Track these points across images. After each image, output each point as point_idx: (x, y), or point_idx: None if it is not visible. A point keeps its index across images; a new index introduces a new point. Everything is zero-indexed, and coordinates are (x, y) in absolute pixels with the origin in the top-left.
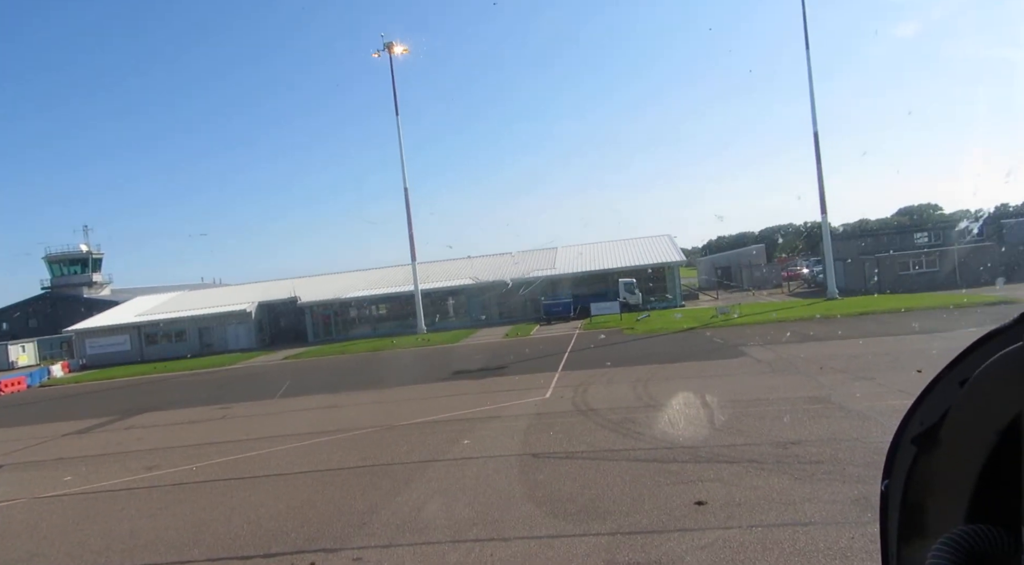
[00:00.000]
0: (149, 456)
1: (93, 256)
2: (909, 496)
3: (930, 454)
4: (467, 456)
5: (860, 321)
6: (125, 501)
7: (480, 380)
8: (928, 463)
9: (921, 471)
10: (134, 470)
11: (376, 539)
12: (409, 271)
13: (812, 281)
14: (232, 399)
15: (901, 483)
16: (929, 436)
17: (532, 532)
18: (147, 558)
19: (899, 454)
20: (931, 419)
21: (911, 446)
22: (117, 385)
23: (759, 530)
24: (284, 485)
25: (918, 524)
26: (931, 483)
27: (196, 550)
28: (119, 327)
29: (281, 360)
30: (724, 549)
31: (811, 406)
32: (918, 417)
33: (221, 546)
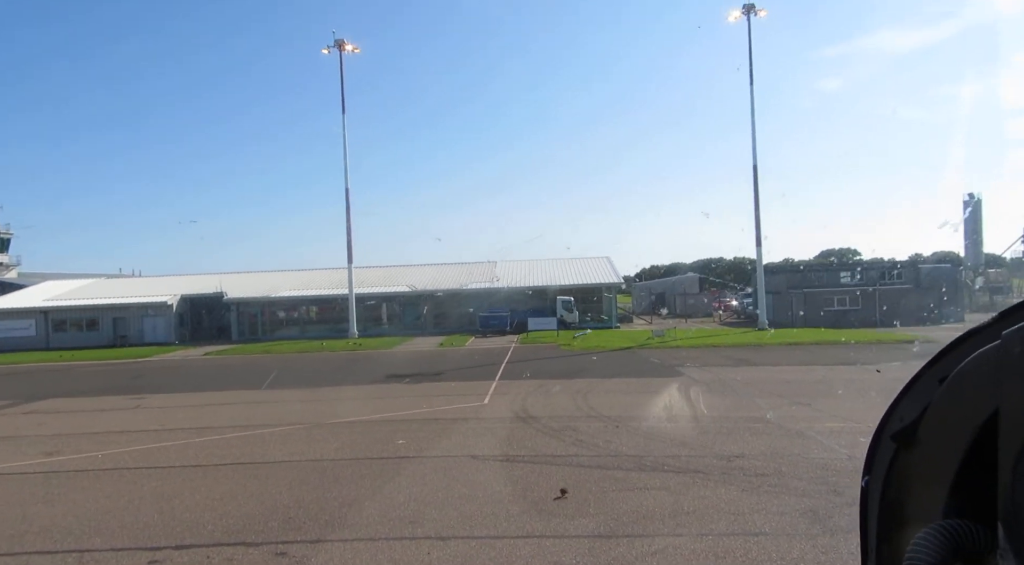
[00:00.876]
0: (50, 442)
1: (1, 236)
2: (888, 492)
3: (909, 450)
4: (402, 455)
5: (790, 350)
6: (18, 486)
7: (415, 384)
8: (907, 459)
9: (900, 467)
10: (31, 455)
11: (303, 534)
12: (344, 275)
13: (742, 312)
14: (147, 390)
15: (881, 479)
16: (908, 433)
17: (471, 532)
18: (40, 545)
19: (879, 450)
20: (911, 416)
21: (891, 442)
22: (18, 370)
23: (709, 539)
24: (202, 476)
25: (897, 519)
26: (910, 479)
27: (97, 539)
28: (24, 311)
29: (202, 355)
30: (675, 556)
31: (751, 424)
32: (898, 414)
33: (127, 536)
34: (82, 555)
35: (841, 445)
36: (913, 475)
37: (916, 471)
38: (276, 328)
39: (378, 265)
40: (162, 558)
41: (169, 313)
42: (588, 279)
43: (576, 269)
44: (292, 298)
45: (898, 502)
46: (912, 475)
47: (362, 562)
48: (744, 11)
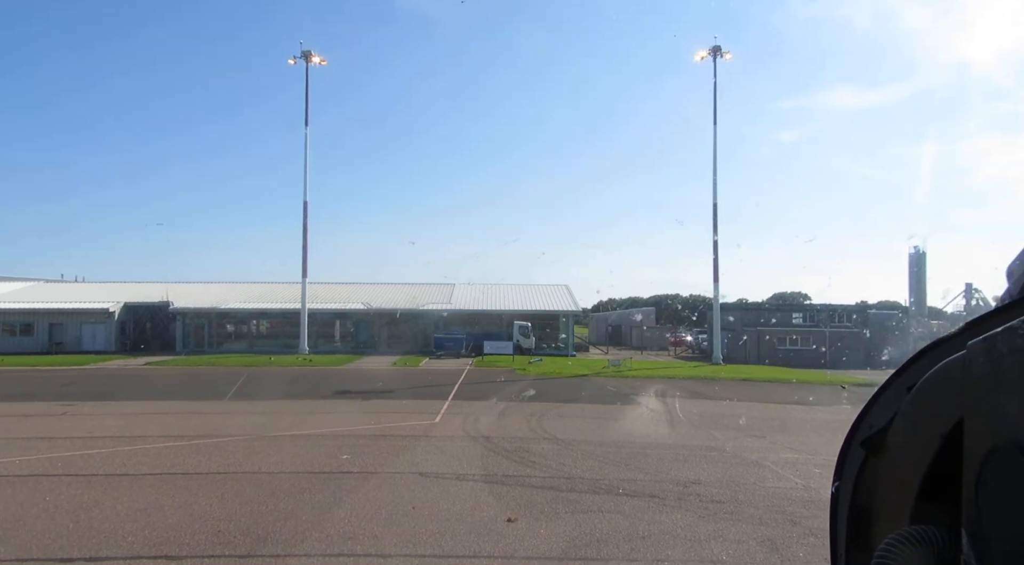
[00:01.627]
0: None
1: None
2: (857, 498)
3: (878, 457)
4: (345, 470)
5: (744, 386)
6: None
7: (365, 401)
8: (876, 465)
9: (870, 473)
10: None
11: (232, 549)
12: (297, 289)
13: (696, 347)
14: (78, 397)
15: (850, 486)
16: (877, 440)
17: (415, 550)
18: None
19: (848, 457)
20: (879, 423)
21: (860, 449)
22: None
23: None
24: (127, 486)
25: (866, 524)
26: (879, 485)
27: (2, 548)
28: None
29: (142, 365)
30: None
31: (707, 453)
32: (867, 421)
33: (37, 546)
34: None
35: (797, 475)
36: (881, 481)
37: (884, 477)
38: (224, 341)
39: (334, 281)
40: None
41: (110, 321)
42: (546, 306)
43: (534, 295)
44: (241, 310)
45: (867, 507)
46: (880, 481)
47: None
48: (711, 52)
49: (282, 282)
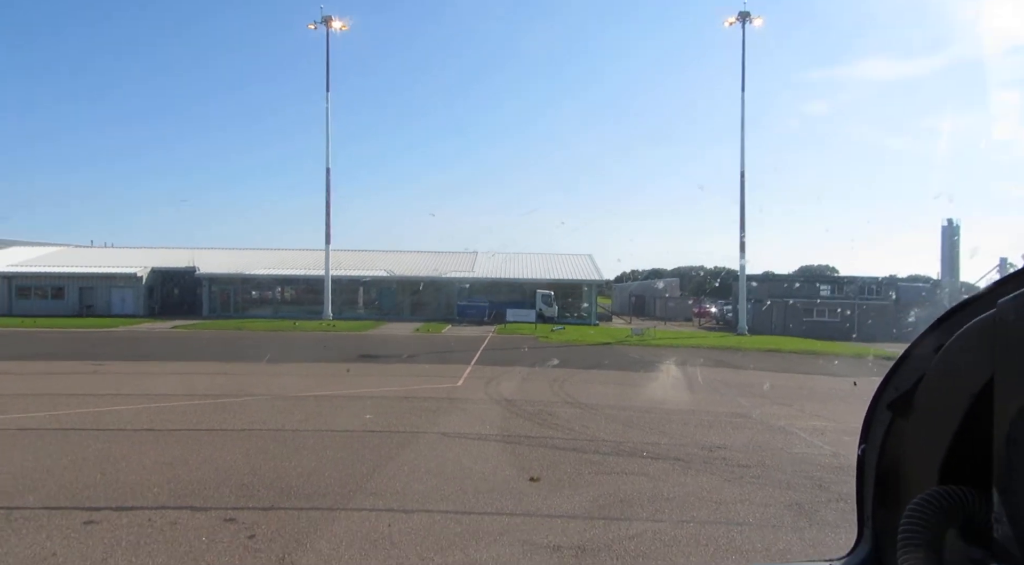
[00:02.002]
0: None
1: None
2: (884, 460)
3: (905, 419)
4: (368, 429)
5: (769, 356)
6: None
7: (388, 365)
8: (903, 428)
9: (896, 436)
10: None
11: (255, 501)
12: (321, 256)
13: (721, 318)
14: (108, 357)
15: (877, 448)
16: (904, 401)
17: (437, 506)
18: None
19: (875, 420)
20: (906, 385)
21: (887, 412)
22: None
23: (691, 525)
24: (153, 440)
25: (893, 487)
26: (905, 447)
27: (31, 497)
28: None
29: (169, 328)
30: (654, 541)
31: (733, 419)
32: (894, 383)
33: (65, 495)
34: (10, 513)
35: (825, 442)
36: (908, 443)
37: (912, 439)
38: (249, 306)
39: (357, 249)
40: (99, 519)
41: (138, 285)
42: (570, 275)
43: (558, 265)
44: (267, 276)
45: (894, 469)
46: (907, 443)
47: (316, 530)
48: (739, 18)
49: (306, 249)
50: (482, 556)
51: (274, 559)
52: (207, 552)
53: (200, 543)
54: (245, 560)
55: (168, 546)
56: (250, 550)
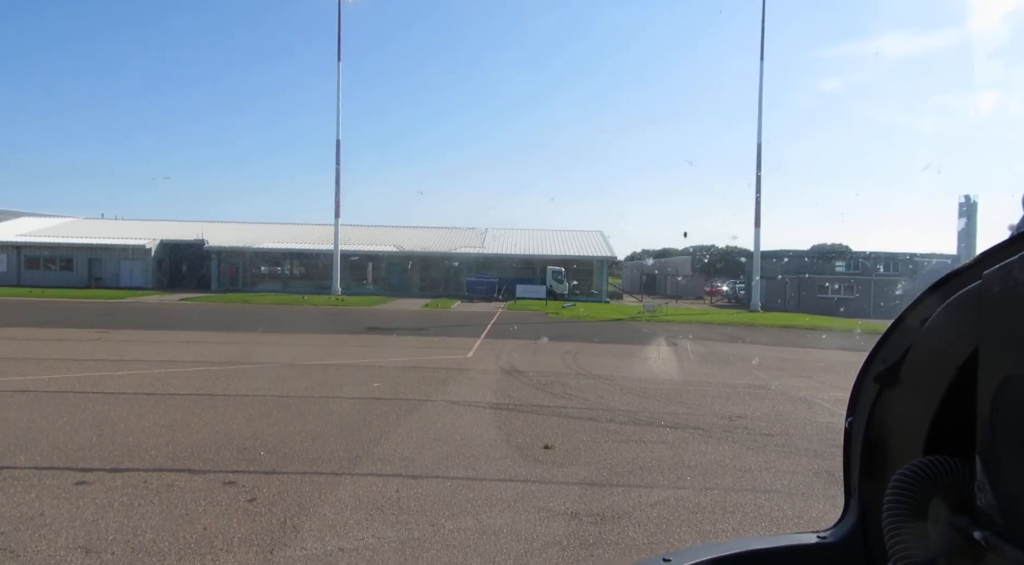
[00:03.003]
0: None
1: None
2: (871, 432)
3: (892, 390)
4: (376, 397)
5: (784, 331)
6: None
7: (397, 337)
8: (890, 399)
9: (883, 407)
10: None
11: (257, 465)
12: (329, 231)
13: (733, 296)
14: (113, 326)
15: (864, 420)
16: (891, 373)
17: (448, 473)
18: None
19: (862, 392)
20: (893, 357)
21: (874, 384)
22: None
23: (716, 493)
24: (153, 404)
25: (879, 458)
26: (892, 418)
27: (22, 457)
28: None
29: (177, 300)
30: (678, 508)
31: (751, 390)
32: (881, 355)
33: (57, 456)
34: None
35: None
36: (895, 414)
37: (898, 410)
38: (257, 280)
39: (366, 223)
40: (92, 480)
41: (147, 257)
42: (580, 251)
43: (568, 241)
44: (275, 250)
45: (880, 441)
46: (894, 414)
47: (320, 495)
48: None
49: (316, 224)
50: (496, 522)
51: (275, 522)
52: (204, 514)
53: (197, 505)
54: (244, 523)
55: (163, 508)
56: (250, 513)
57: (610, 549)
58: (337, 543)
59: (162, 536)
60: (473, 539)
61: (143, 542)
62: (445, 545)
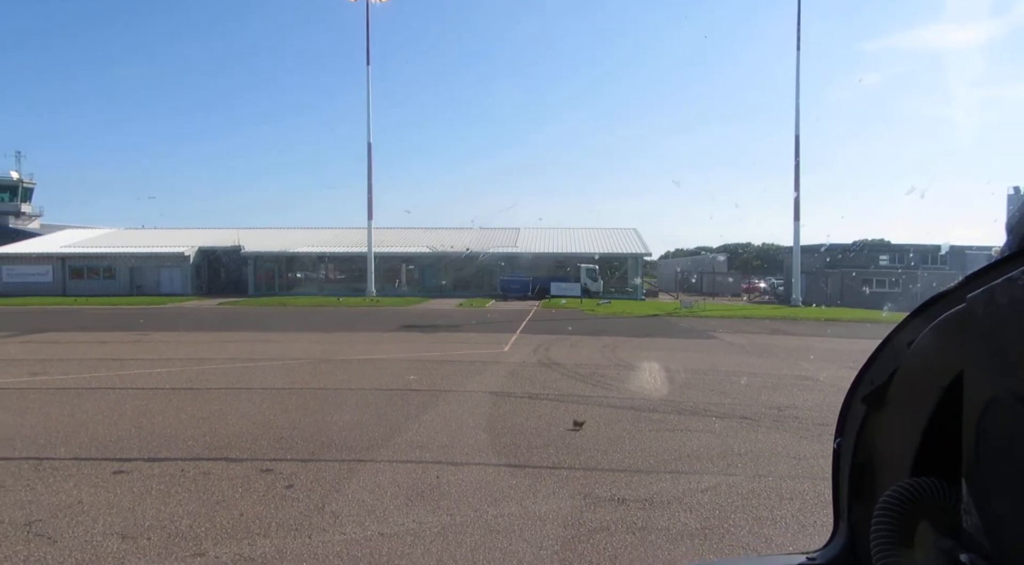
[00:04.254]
0: (39, 365)
1: (24, 185)
2: (859, 453)
3: (879, 412)
4: (413, 388)
5: (828, 324)
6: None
7: (431, 333)
8: (877, 421)
9: (870, 429)
10: (15, 375)
11: (294, 454)
12: (363, 234)
13: (771, 292)
14: (152, 329)
15: (852, 441)
16: (878, 395)
17: (488, 459)
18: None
19: (850, 414)
20: (880, 379)
21: (861, 405)
22: (29, 311)
23: (769, 480)
24: (191, 398)
25: (867, 480)
26: (879, 440)
27: (62, 448)
28: (41, 256)
29: (215, 305)
30: (731, 494)
31: (799, 381)
32: (868, 377)
33: (96, 447)
34: (40, 463)
35: None
36: (882, 436)
37: (885, 432)
38: (293, 284)
39: (398, 226)
40: (130, 469)
41: (186, 265)
42: (614, 249)
43: (602, 238)
44: (310, 254)
45: (868, 462)
46: (881, 436)
47: (359, 481)
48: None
49: (350, 227)
50: (540, 508)
51: (313, 508)
52: (241, 501)
53: (234, 492)
54: (282, 509)
55: (200, 495)
56: (287, 499)
57: (661, 535)
58: (377, 528)
59: (199, 522)
60: (517, 525)
61: (179, 528)
62: (489, 530)
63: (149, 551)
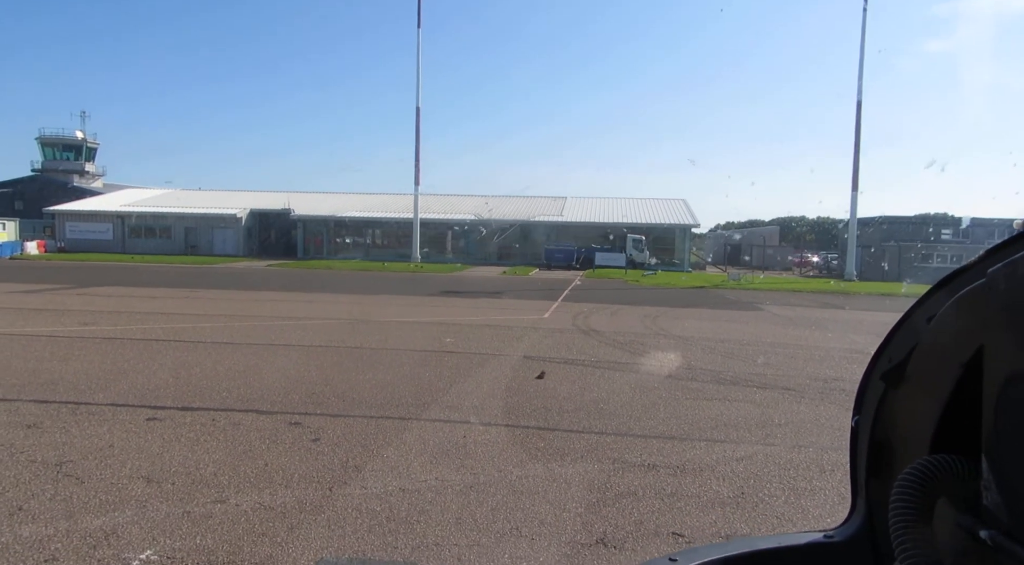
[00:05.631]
0: (90, 316)
1: (88, 144)
2: (877, 431)
3: (898, 389)
4: (448, 350)
5: (884, 299)
6: (41, 346)
7: (472, 298)
8: (896, 398)
9: (889, 406)
10: (67, 324)
11: (324, 408)
12: (409, 201)
13: (824, 267)
14: (201, 286)
15: (870, 419)
16: (897, 372)
17: (518, 422)
18: (37, 395)
19: (868, 391)
20: (899, 356)
21: (880, 383)
22: (89, 266)
23: (810, 451)
24: (230, 352)
25: (886, 457)
26: (898, 417)
27: (100, 394)
28: (103, 214)
29: (264, 266)
30: (767, 464)
31: (848, 354)
32: (887, 354)
33: (132, 394)
34: (77, 407)
35: None
36: (901, 413)
37: (904, 409)
38: (340, 249)
39: (445, 193)
40: (163, 416)
41: (238, 226)
42: (662, 219)
43: (649, 209)
44: (357, 219)
45: (887, 439)
46: (900, 413)
47: (385, 438)
48: None
49: (397, 193)
50: (567, 471)
51: (337, 462)
52: (267, 452)
53: (261, 443)
54: (306, 461)
55: (227, 444)
56: (312, 452)
57: (691, 502)
58: (398, 484)
59: (223, 470)
60: (542, 486)
61: (204, 475)
62: (512, 491)
63: (172, 495)
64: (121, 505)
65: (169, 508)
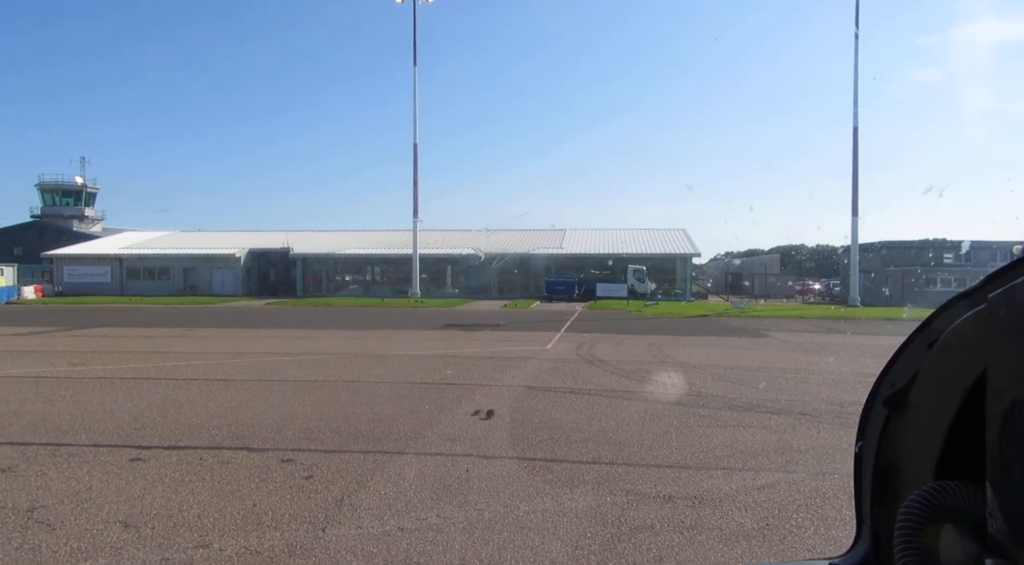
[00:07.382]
0: (80, 356)
1: (88, 189)
2: (881, 457)
3: (901, 415)
4: (449, 383)
5: (889, 323)
6: (27, 387)
7: (474, 331)
8: (899, 424)
9: (892, 432)
10: (56, 364)
11: (319, 444)
12: (408, 236)
13: (827, 294)
14: (198, 325)
15: (874, 445)
16: (900, 398)
17: (523, 454)
18: (16, 437)
19: (871, 417)
20: (901, 381)
21: (883, 408)
22: (84, 309)
23: (834, 478)
24: (222, 388)
25: (890, 484)
26: (902, 443)
27: (83, 435)
28: (100, 257)
29: (263, 305)
30: (791, 492)
31: (861, 379)
32: (889, 380)
33: (117, 434)
34: (57, 448)
35: None
36: (905, 439)
37: (908, 435)
38: (340, 286)
39: (443, 228)
40: (147, 457)
41: (237, 266)
42: (662, 249)
43: (649, 239)
44: (356, 256)
45: (891, 466)
46: (904, 439)
47: (383, 473)
48: None
49: (395, 229)
50: (578, 505)
51: (331, 500)
52: (256, 491)
53: (250, 482)
54: (298, 500)
55: (214, 484)
56: (305, 490)
57: (713, 535)
58: (397, 522)
59: (207, 512)
60: (552, 522)
61: (186, 517)
62: (519, 527)
63: (150, 541)
64: (94, 553)
65: (146, 555)
